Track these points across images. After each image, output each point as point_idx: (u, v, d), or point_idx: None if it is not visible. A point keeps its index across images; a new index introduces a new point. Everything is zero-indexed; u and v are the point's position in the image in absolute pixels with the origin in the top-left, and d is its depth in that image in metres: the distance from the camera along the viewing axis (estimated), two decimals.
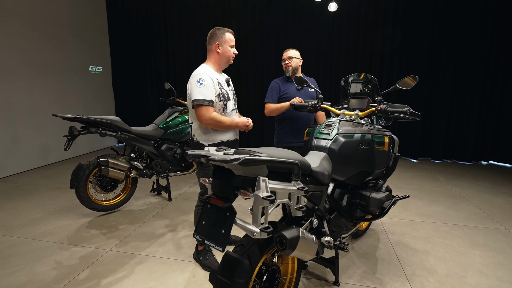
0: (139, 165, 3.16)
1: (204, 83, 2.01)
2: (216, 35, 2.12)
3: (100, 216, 3.15)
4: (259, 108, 6.20)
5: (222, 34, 2.13)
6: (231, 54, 2.18)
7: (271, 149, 1.49)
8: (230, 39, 2.16)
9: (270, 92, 2.81)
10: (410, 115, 1.86)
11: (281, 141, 2.84)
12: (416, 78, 1.89)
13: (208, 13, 6.09)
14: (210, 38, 2.15)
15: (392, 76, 5.45)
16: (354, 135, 1.94)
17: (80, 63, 5.85)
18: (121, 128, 3.01)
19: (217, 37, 2.12)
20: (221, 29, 2.14)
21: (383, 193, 2.00)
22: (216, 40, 2.12)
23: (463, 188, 4.09)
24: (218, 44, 2.12)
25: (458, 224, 3.02)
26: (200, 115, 2.02)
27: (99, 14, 6.39)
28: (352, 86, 2.33)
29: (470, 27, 5.07)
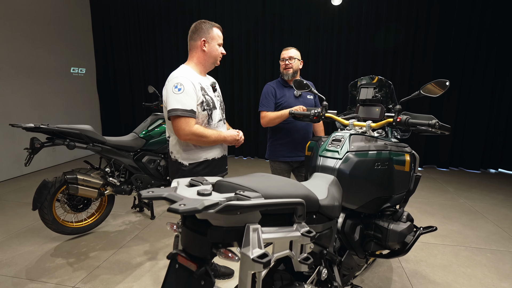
0: (115, 181, 2.76)
1: (183, 89, 1.62)
2: (202, 30, 1.73)
3: (71, 239, 2.74)
4: (254, 116, 5.82)
5: (209, 29, 1.74)
6: (218, 54, 1.79)
7: (265, 178, 1.11)
8: (219, 36, 1.78)
9: (265, 98, 2.40)
10: (439, 129, 1.49)
11: (275, 155, 2.45)
12: (444, 83, 1.52)
13: (199, 10, 5.70)
14: (193, 33, 1.75)
15: (395, 78, 5.11)
16: (369, 152, 1.57)
17: (60, 64, 5.42)
18: (93, 138, 2.61)
19: (203, 32, 1.73)
20: (207, 23, 1.75)
21: (404, 223, 1.63)
22: (202, 35, 1.73)
23: (476, 201, 3.75)
24: (204, 41, 1.74)
25: (478, 247, 2.66)
26: (178, 129, 1.63)
27: (82, 12, 5.97)
28: (362, 91, 1.96)
29: (479, 29, 4.75)
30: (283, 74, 2.41)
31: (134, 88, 6.34)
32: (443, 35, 4.91)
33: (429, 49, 4.99)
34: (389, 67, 5.18)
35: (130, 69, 6.29)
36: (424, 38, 4.97)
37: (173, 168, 1.80)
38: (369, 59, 5.23)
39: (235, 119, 5.87)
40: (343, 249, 1.57)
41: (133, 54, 6.21)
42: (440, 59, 4.98)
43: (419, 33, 4.98)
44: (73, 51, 5.71)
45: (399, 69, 5.13)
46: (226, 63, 5.70)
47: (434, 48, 4.96)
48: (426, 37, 4.96)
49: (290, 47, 2.45)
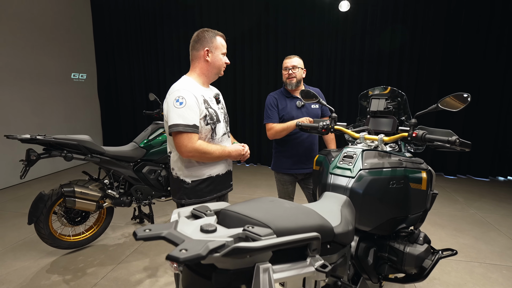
0: (114, 194, 2.66)
1: (185, 103, 1.52)
2: (205, 39, 1.64)
3: (68, 254, 2.64)
4: (255, 122, 5.72)
5: (213, 38, 1.65)
6: (222, 63, 1.70)
7: (274, 205, 1.00)
8: (222, 45, 1.68)
9: (269, 110, 2.31)
10: (460, 146, 1.39)
11: (279, 166, 2.38)
12: (465, 98, 1.41)
13: (202, 16, 5.63)
14: (196, 43, 1.66)
15: (401, 84, 5.00)
16: (383, 170, 1.46)
17: (61, 70, 5.35)
18: (92, 149, 2.51)
19: (206, 41, 1.64)
20: (210, 32, 1.66)
21: (421, 246, 1.52)
22: (205, 45, 1.64)
23: (487, 212, 3.62)
24: (208, 50, 1.64)
25: (493, 263, 2.54)
26: (180, 145, 1.53)
27: (84, 17, 5.92)
28: (373, 102, 1.86)
29: (487, 34, 4.64)
30: (287, 83, 2.31)
31: (135, 95, 6.26)
32: (450, 40, 4.81)
33: (436, 54, 4.88)
34: (394, 73, 5.07)
35: (132, 75, 6.22)
36: (431, 43, 4.87)
37: (174, 185, 1.69)
38: (374, 65, 5.13)
39: (237, 124, 5.77)
40: (356, 275, 1.46)
41: (134, 60, 6.14)
42: (447, 64, 4.87)
43: (426, 38, 4.87)
44: (74, 57, 5.64)
45: (405, 75, 5.03)
46: (228, 69, 5.61)
47: (442, 54, 4.86)
48: (433, 43, 4.86)
49: (293, 55, 2.34)
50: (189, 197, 1.65)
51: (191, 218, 0.89)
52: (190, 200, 1.65)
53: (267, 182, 4.75)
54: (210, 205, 0.99)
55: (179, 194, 1.67)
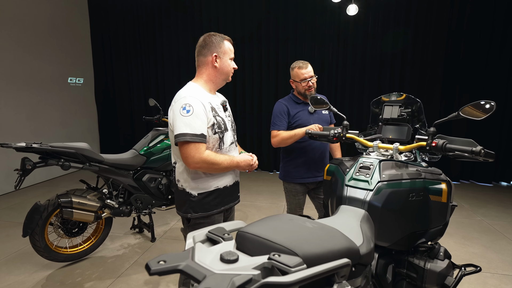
0: (113, 204, 2.55)
1: (192, 111, 1.43)
2: (213, 44, 1.56)
3: (64, 267, 2.52)
4: (256, 126, 5.64)
5: (220, 43, 1.57)
6: (231, 69, 1.62)
7: (294, 225, 0.92)
8: (230, 50, 1.61)
9: (278, 117, 2.19)
10: (484, 157, 1.32)
11: (291, 176, 2.24)
12: (485, 107, 1.35)
13: (202, 20, 5.56)
14: (203, 48, 1.58)
15: (403, 89, 4.96)
16: (402, 181, 1.38)
17: (57, 74, 5.24)
18: (90, 158, 2.41)
19: (213, 46, 1.56)
20: (217, 36, 1.59)
21: (442, 262, 1.43)
22: (213, 50, 1.56)
23: (494, 218, 3.56)
24: (216, 56, 1.56)
25: (506, 274, 2.46)
26: (187, 156, 1.44)
27: (80, 20, 5.83)
28: (386, 109, 1.78)
29: (489, 35, 4.62)
30: (307, 95, 2.18)
31: (134, 100, 6.15)
32: (452, 44, 4.78)
33: (439, 58, 4.85)
34: (397, 77, 5.03)
35: (130, 80, 6.12)
36: (433, 47, 4.83)
37: (180, 198, 1.60)
38: (375, 69, 5.09)
39: (237, 127, 5.68)
40: None
41: (133, 64, 6.05)
42: (450, 68, 4.84)
43: (429, 42, 4.84)
44: (71, 61, 5.54)
45: (407, 79, 4.99)
46: None
47: (444, 58, 4.83)
48: (435, 46, 4.83)
49: (304, 62, 2.19)
50: (195, 211, 1.56)
51: (207, 243, 0.80)
52: (197, 214, 1.56)
53: (268, 188, 4.66)
54: (226, 226, 0.90)
55: (184, 208, 1.58)
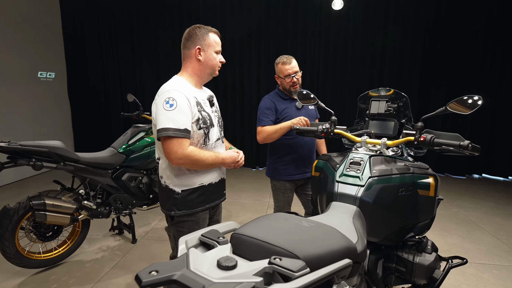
0: (91, 205, 2.42)
1: (176, 105, 1.38)
2: (196, 36, 1.50)
3: (38, 273, 2.37)
4: (239, 122, 5.58)
5: (205, 35, 1.51)
6: (216, 63, 1.56)
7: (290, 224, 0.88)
8: (216, 42, 1.54)
9: (264, 113, 2.13)
10: (471, 151, 1.34)
11: (280, 173, 2.19)
12: (472, 100, 1.36)
13: (181, 9, 5.39)
14: (187, 40, 1.52)
15: (392, 83, 5.06)
16: (392, 177, 1.38)
17: (26, 69, 4.91)
18: (64, 156, 2.27)
19: (197, 39, 1.50)
20: (202, 28, 1.52)
21: (430, 255, 1.45)
22: (197, 42, 1.50)
23: (469, 210, 3.71)
24: (199, 49, 1.50)
25: (483, 263, 2.57)
26: (170, 152, 1.39)
27: (51, 10, 5.48)
28: (374, 104, 1.78)
29: (463, 32, 4.79)
30: (292, 91, 2.14)
31: (111, 96, 5.90)
32: (441, 40, 4.92)
33: (417, 55, 4.98)
34: (387, 72, 5.12)
35: (106, 74, 5.85)
36: (414, 43, 4.95)
37: (163, 195, 1.55)
38: (357, 65, 5.15)
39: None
40: None
41: (109, 57, 5.78)
42: (428, 63, 4.99)
43: (419, 37, 4.94)
44: (41, 54, 5.21)
45: (396, 74, 5.09)
46: None
47: (421, 53, 4.96)
48: (416, 43, 4.95)
49: (288, 57, 2.13)
50: (179, 208, 1.52)
51: (200, 247, 0.74)
52: (180, 211, 1.52)
53: (252, 185, 4.62)
54: (219, 228, 0.85)
55: (168, 205, 1.54)
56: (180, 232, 1.53)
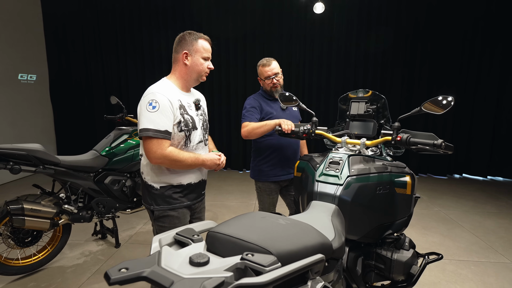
0: (72, 209, 2.37)
1: (158, 107, 1.44)
2: (185, 41, 1.56)
3: (16, 280, 2.30)
4: (225, 125, 5.58)
5: (194, 41, 1.57)
6: (203, 68, 1.60)
7: (267, 222, 0.89)
8: (204, 49, 1.59)
9: (249, 110, 2.13)
10: (445, 149, 1.39)
11: (265, 175, 2.19)
12: (447, 100, 1.42)
13: (166, 10, 5.37)
14: (177, 45, 1.59)
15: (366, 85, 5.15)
16: (370, 176, 1.42)
17: (5, 71, 4.78)
18: (44, 160, 2.22)
19: (185, 44, 1.56)
20: (193, 34, 1.58)
21: (408, 252, 1.49)
22: (185, 47, 1.56)
23: (449, 209, 3.82)
24: (187, 54, 1.55)
25: (462, 259, 2.65)
26: (149, 151, 1.45)
27: (32, 10, 5.36)
28: (353, 105, 1.83)
29: (446, 34, 4.96)
30: (273, 92, 2.16)
31: (94, 98, 5.79)
32: (415, 44, 5.07)
33: (399, 57, 5.11)
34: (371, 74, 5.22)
35: (89, 76, 5.75)
36: (407, 44, 5.07)
37: (144, 190, 1.63)
38: (347, 68, 5.24)
39: None
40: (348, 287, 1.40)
41: (92, 59, 5.68)
42: (409, 68, 5.13)
43: (402, 39, 5.06)
44: (21, 55, 5.08)
45: (380, 76, 5.20)
46: None
47: (403, 57, 5.10)
48: (398, 46, 5.08)
49: (269, 59, 2.16)
50: (157, 203, 1.58)
51: (175, 246, 0.75)
52: (159, 206, 1.58)
53: (238, 187, 4.62)
54: (195, 226, 0.85)
55: (148, 200, 1.61)
56: (162, 227, 1.58)
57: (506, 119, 4.99)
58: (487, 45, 4.85)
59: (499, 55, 4.83)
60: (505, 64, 4.86)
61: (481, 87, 5.00)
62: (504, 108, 4.98)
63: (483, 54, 4.90)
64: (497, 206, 3.90)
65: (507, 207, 3.88)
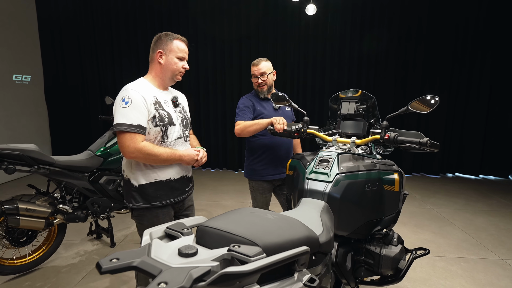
0: (66, 209, 2.39)
1: (130, 102, 1.48)
2: (161, 41, 1.62)
3: (11, 280, 2.31)
4: (221, 125, 5.60)
5: (169, 41, 1.61)
6: (177, 68, 1.63)
7: (256, 217, 0.93)
8: (179, 49, 1.62)
9: (243, 110, 2.16)
10: (430, 147, 1.43)
11: (258, 174, 2.22)
12: (428, 101, 1.47)
13: (160, 12, 5.39)
14: (153, 44, 1.64)
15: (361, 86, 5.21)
16: (359, 173, 1.45)
17: (0, 72, 4.77)
18: (39, 160, 2.23)
19: (160, 43, 1.61)
20: (169, 35, 1.62)
21: (396, 247, 1.53)
22: (159, 47, 1.61)
23: (442, 207, 3.88)
24: (161, 53, 1.60)
25: (452, 256, 2.70)
26: (123, 146, 1.48)
27: (26, 11, 5.36)
28: (344, 105, 1.87)
29: (440, 36, 5.03)
30: (259, 91, 2.20)
31: (89, 99, 5.80)
32: (407, 44, 5.13)
33: (391, 59, 5.18)
34: (365, 75, 5.28)
35: (85, 77, 5.75)
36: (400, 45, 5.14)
37: (125, 187, 1.65)
38: (341, 69, 5.30)
39: (201, 128, 5.60)
40: (337, 282, 1.43)
41: (87, 59, 5.69)
42: (402, 69, 5.19)
43: (396, 40, 5.13)
44: (16, 56, 5.07)
45: (374, 76, 5.26)
46: (195, 70, 5.44)
47: (396, 57, 5.16)
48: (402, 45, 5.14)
49: (260, 59, 2.18)
50: (136, 201, 1.60)
51: (165, 239, 0.78)
52: (138, 204, 1.59)
53: (234, 187, 4.65)
54: (186, 221, 0.88)
55: (128, 197, 1.62)
56: (141, 224, 1.61)
57: (498, 119, 5.07)
58: (479, 45, 4.94)
59: (491, 56, 4.92)
60: (497, 65, 4.95)
61: (473, 88, 5.08)
62: (496, 108, 5.06)
63: (475, 54, 4.98)
64: (488, 204, 3.97)
65: (498, 205, 3.94)
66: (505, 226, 3.31)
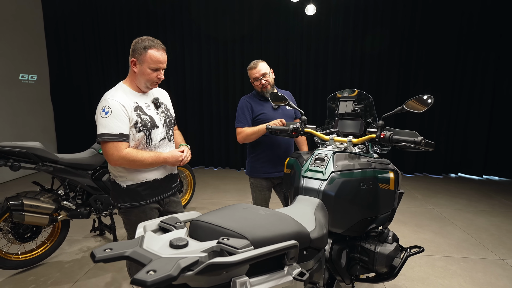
0: (70, 205, 2.44)
1: (110, 112, 1.50)
2: (136, 49, 1.58)
3: (16, 274, 2.36)
4: (224, 124, 5.64)
5: (143, 51, 1.56)
6: (151, 78, 1.60)
7: (248, 213, 0.95)
8: (152, 60, 1.56)
9: (241, 114, 2.22)
10: (425, 146, 1.45)
11: (256, 171, 2.27)
12: (425, 100, 1.48)
13: (165, 14, 5.44)
14: (131, 49, 1.62)
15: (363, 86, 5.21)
16: (354, 171, 1.48)
17: (7, 71, 4.86)
18: (43, 157, 2.29)
19: (135, 52, 1.58)
20: (145, 42, 1.58)
21: (391, 245, 1.55)
22: (133, 55, 1.59)
23: (443, 207, 3.87)
24: (134, 61, 1.59)
25: (451, 256, 2.70)
26: (107, 154, 1.52)
27: (33, 10, 5.44)
28: (341, 104, 1.89)
29: (441, 36, 5.01)
30: (264, 92, 2.21)
31: (94, 98, 5.87)
32: (410, 46, 5.12)
33: (394, 57, 5.17)
34: (367, 75, 5.27)
35: (90, 76, 5.83)
36: (391, 48, 5.14)
37: (112, 188, 1.69)
38: (343, 69, 5.30)
39: (204, 127, 5.64)
40: (331, 278, 1.46)
41: (92, 60, 5.76)
42: (404, 69, 5.18)
43: (397, 40, 5.12)
44: (23, 56, 5.16)
45: (376, 76, 5.25)
46: (192, 72, 5.48)
47: (399, 57, 5.15)
48: (393, 47, 5.14)
49: (256, 61, 2.22)
50: (124, 201, 1.64)
51: (159, 232, 0.81)
52: (126, 204, 1.64)
53: (236, 186, 4.68)
54: (179, 216, 0.92)
55: (115, 198, 1.66)
56: (128, 219, 1.65)
57: (502, 119, 5.04)
58: (483, 45, 4.90)
59: (495, 55, 4.89)
60: (500, 64, 4.91)
61: (477, 87, 5.05)
62: (500, 107, 5.03)
63: (479, 54, 4.95)
64: (490, 205, 3.96)
65: (499, 206, 3.93)
66: (506, 227, 3.30)
